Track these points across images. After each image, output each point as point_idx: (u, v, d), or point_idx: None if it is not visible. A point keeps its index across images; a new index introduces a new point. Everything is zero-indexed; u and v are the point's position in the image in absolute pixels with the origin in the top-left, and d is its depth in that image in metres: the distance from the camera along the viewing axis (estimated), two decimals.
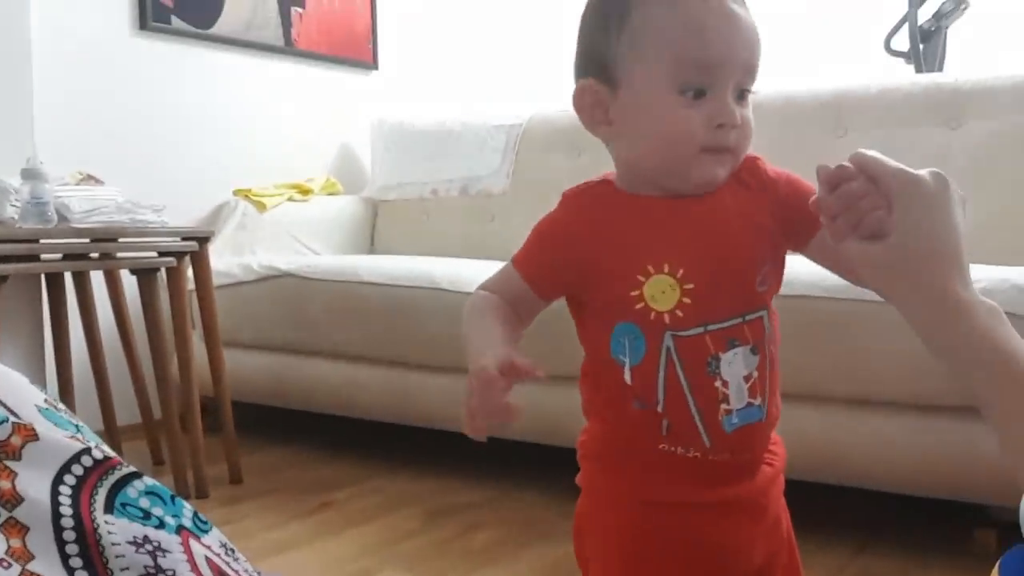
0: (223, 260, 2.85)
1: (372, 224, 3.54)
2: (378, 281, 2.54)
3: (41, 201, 2.11)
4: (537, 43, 4.19)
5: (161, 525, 0.63)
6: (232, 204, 3.17)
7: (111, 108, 2.90)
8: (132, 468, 0.65)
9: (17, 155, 2.28)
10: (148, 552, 0.60)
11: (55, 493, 0.60)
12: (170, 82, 3.07)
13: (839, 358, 1.89)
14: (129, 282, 2.44)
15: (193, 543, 0.64)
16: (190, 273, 2.44)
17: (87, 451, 0.63)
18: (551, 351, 1.24)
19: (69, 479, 0.61)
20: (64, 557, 0.57)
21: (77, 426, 0.68)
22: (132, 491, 0.64)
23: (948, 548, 1.91)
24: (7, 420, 0.61)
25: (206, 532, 0.66)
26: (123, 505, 0.62)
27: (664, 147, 0.86)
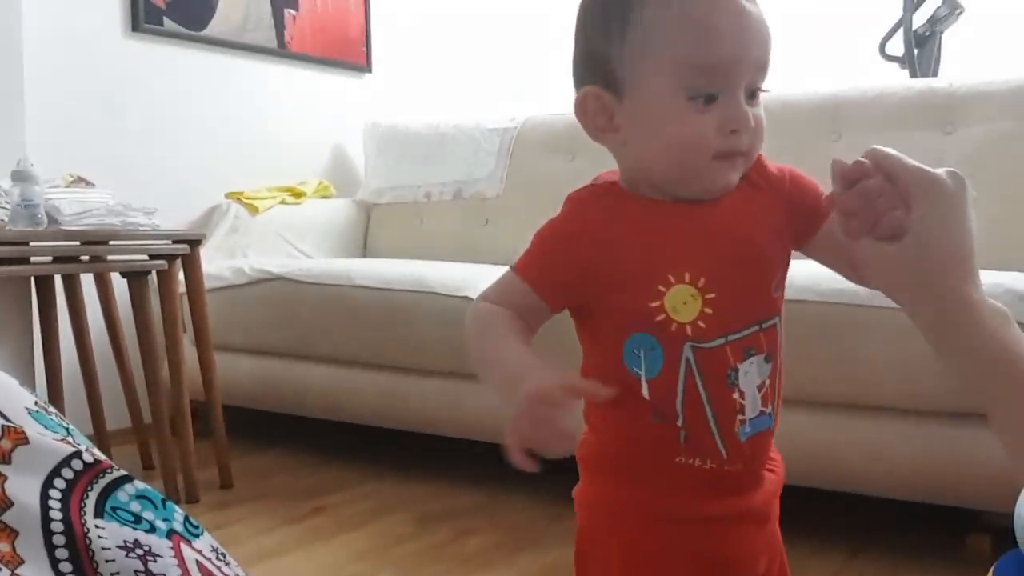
0: (215, 263, 2.84)
1: (365, 228, 3.54)
2: (371, 285, 2.53)
3: (31, 203, 2.10)
4: (531, 46, 4.19)
5: (152, 529, 0.62)
6: (224, 207, 3.15)
7: (102, 110, 2.89)
8: (123, 472, 0.64)
9: (7, 157, 2.27)
10: (138, 556, 0.59)
11: (45, 497, 0.59)
12: (162, 84, 3.06)
13: (832, 363, 1.88)
14: (120, 285, 2.44)
15: (184, 547, 0.63)
16: (181, 276, 2.43)
17: (78, 454, 0.62)
18: (546, 353, 1.22)
19: (59, 483, 0.60)
20: (54, 562, 0.57)
21: (67, 429, 0.67)
22: (123, 495, 0.63)
23: (942, 554, 1.91)
24: None
25: (197, 536, 0.66)
26: (113, 509, 0.61)
27: (675, 156, 0.82)
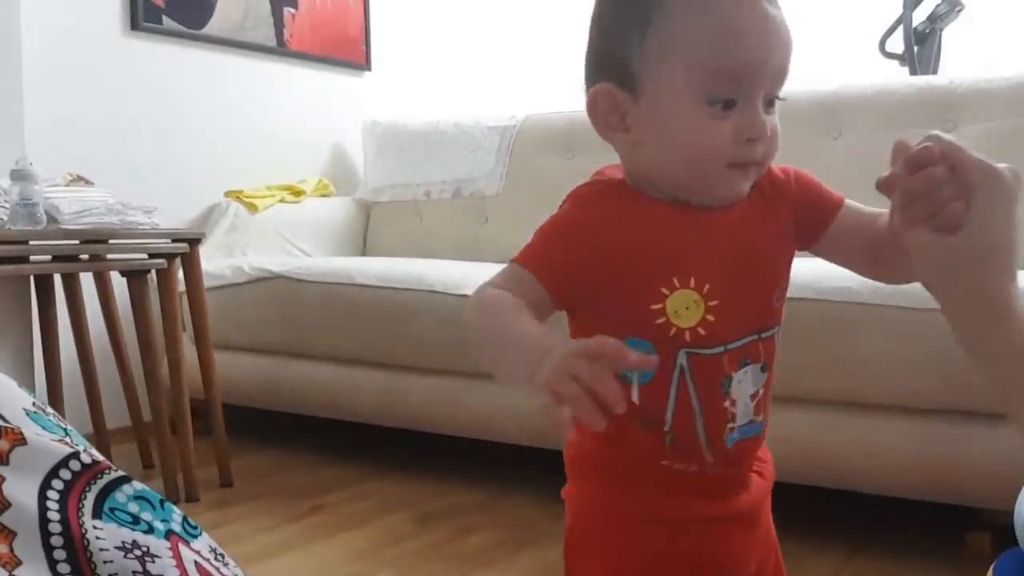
0: (214, 262, 2.84)
1: (365, 226, 3.53)
2: (370, 283, 2.53)
3: (30, 202, 2.09)
4: (531, 45, 4.19)
5: (150, 530, 0.62)
6: (223, 205, 3.15)
7: (101, 109, 2.89)
8: (121, 472, 0.64)
9: (6, 156, 2.27)
10: (137, 557, 0.59)
11: (43, 498, 0.59)
12: (161, 83, 3.06)
13: (832, 361, 1.88)
14: (119, 284, 2.43)
15: (182, 548, 0.63)
16: (181, 275, 2.43)
17: (75, 455, 0.62)
18: None
19: (57, 484, 0.60)
20: (52, 563, 0.57)
21: (65, 429, 0.67)
22: (121, 496, 0.63)
23: (942, 552, 1.91)
24: None
25: (195, 537, 0.65)
26: (112, 510, 0.61)
27: (688, 161, 0.80)
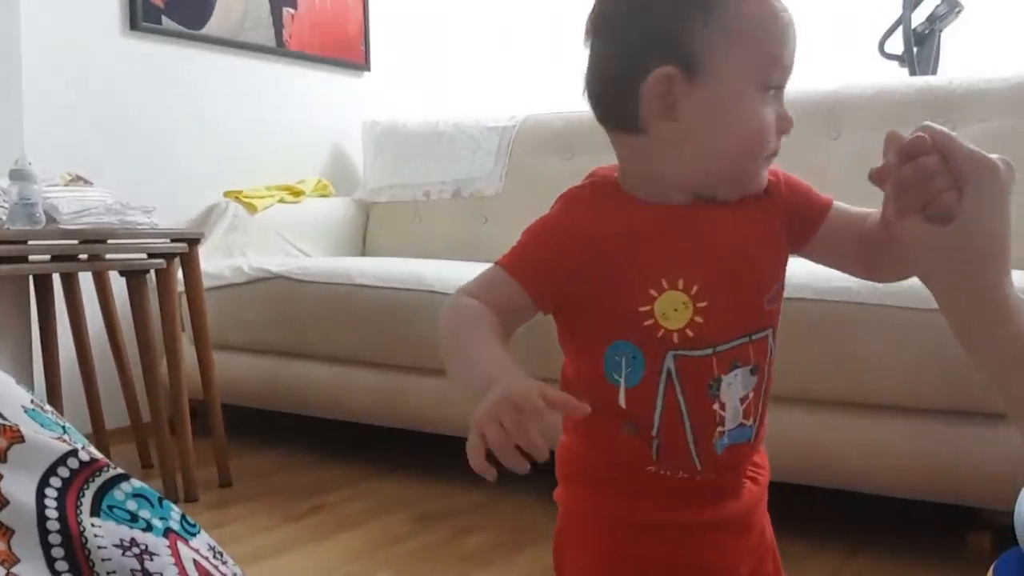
0: (213, 262, 2.84)
1: (364, 226, 3.53)
2: (370, 283, 2.53)
3: (29, 202, 2.09)
4: (530, 45, 4.19)
5: (148, 528, 0.62)
6: (223, 206, 3.15)
7: (101, 109, 2.89)
8: (119, 470, 0.64)
9: (5, 155, 2.27)
10: (135, 555, 0.59)
11: (41, 496, 0.59)
12: (160, 83, 3.06)
13: (831, 361, 1.88)
14: (118, 284, 2.43)
15: (181, 546, 0.62)
16: (180, 275, 2.42)
17: (74, 453, 0.62)
18: (537, 352, 1.21)
19: (55, 481, 0.60)
20: (50, 560, 0.56)
21: (64, 427, 0.67)
22: (119, 493, 0.63)
23: (942, 552, 1.91)
24: None
25: (194, 535, 0.65)
26: (110, 508, 0.61)
27: (743, 150, 0.81)
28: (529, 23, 4.24)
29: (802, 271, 0.92)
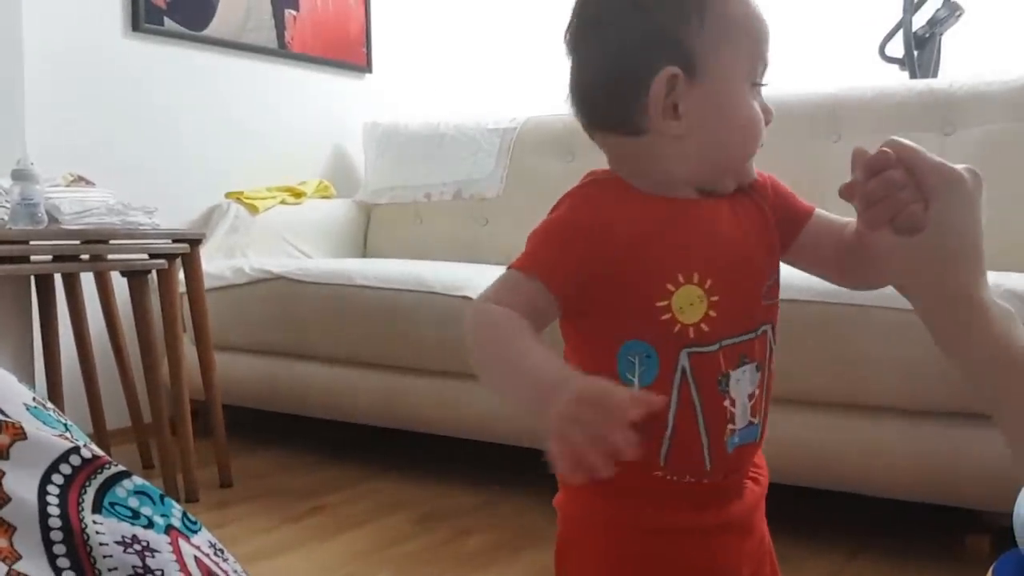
0: (215, 263, 2.84)
1: (365, 228, 3.54)
2: (370, 284, 2.53)
3: (31, 202, 2.10)
4: (531, 46, 4.19)
5: (150, 525, 0.62)
6: (224, 207, 3.15)
7: (103, 109, 2.89)
8: (121, 467, 0.64)
9: (8, 156, 2.27)
10: (136, 552, 0.59)
11: (43, 492, 0.59)
12: (162, 84, 3.06)
13: (830, 362, 1.88)
14: (120, 284, 2.43)
15: (182, 543, 0.63)
16: (181, 276, 2.43)
17: (76, 450, 0.62)
18: None
19: (57, 478, 0.60)
20: (51, 557, 0.56)
21: (66, 424, 0.67)
22: (121, 490, 0.63)
23: (941, 554, 1.91)
24: None
25: (195, 532, 0.65)
26: (112, 504, 0.61)
27: (745, 142, 0.84)
28: (530, 25, 4.24)
29: (800, 273, 0.92)
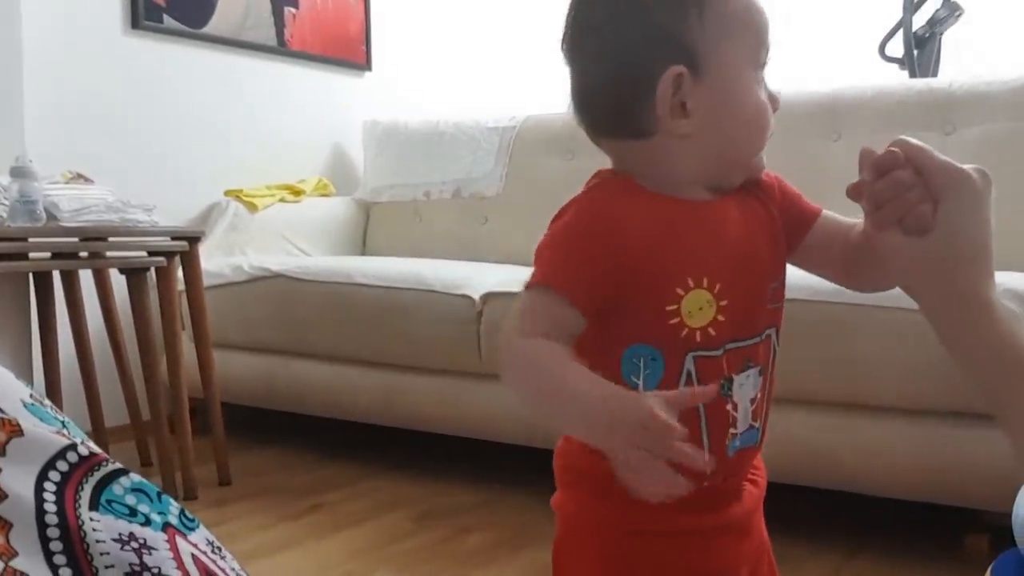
0: (214, 260, 2.84)
1: (364, 226, 3.53)
2: (370, 283, 2.53)
3: (30, 199, 2.10)
4: (531, 45, 4.18)
5: (147, 522, 0.61)
6: (223, 204, 3.15)
7: (102, 107, 2.89)
8: (118, 465, 0.64)
9: (6, 153, 2.27)
10: (133, 549, 0.59)
11: (39, 489, 0.59)
12: (162, 81, 3.06)
13: (830, 362, 1.88)
14: (118, 282, 2.43)
15: (180, 541, 0.62)
16: (180, 273, 2.43)
17: (73, 447, 0.62)
18: None
19: (54, 475, 0.60)
20: (48, 554, 0.56)
21: (63, 422, 0.67)
22: (118, 488, 0.63)
23: (940, 553, 1.91)
24: None
25: (193, 530, 0.65)
26: (109, 502, 0.61)
27: (752, 131, 0.82)
28: (530, 23, 4.23)
29: (801, 273, 0.92)
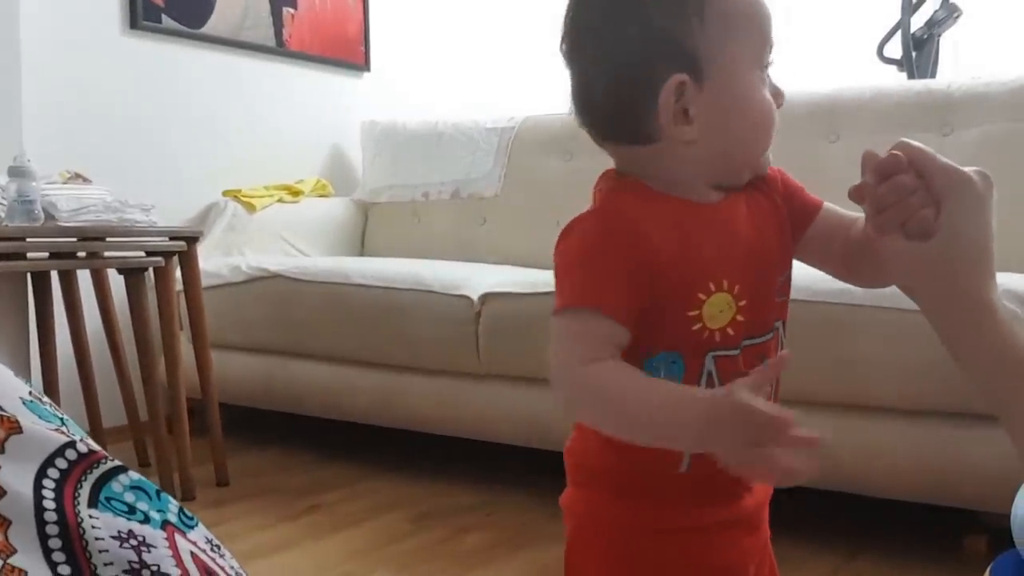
0: (212, 261, 2.83)
1: (362, 226, 3.53)
2: (368, 283, 2.53)
3: (28, 199, 2.09)
4: (530, 46, 4.19)
5: (146, 520, 0.61)
6: (221, 205, 3.15)
7: (100, 107, 2.89)
8: (117, 462, 0.64)
9: (4, 152, 2.27)
10: (132, 547, 0.59)
11: (38, 487, 0.59)
12: (160, 81, 3.06)
13: (830, 363, 1.88)
14: (116, 282, 2.43)
15: (178, 538, 0.62)
16: (178, 274, 2.42)
17: (72, 444, 0.62)
18: (540, 353, 1.21)
19: (53, 472, 0.60)
20: (47, 551, 0.56)
21: (62, 419, 0.67)
22: (117, 485, 0.63)
23: (939, 555, 1.91)
24: None
25: (192, 528, 0.65)
26: (107, 499, 0.61)
27: (758, 131, 0.82)
28: (528, 24, 4.24)
29: (800, 273, 0.92)
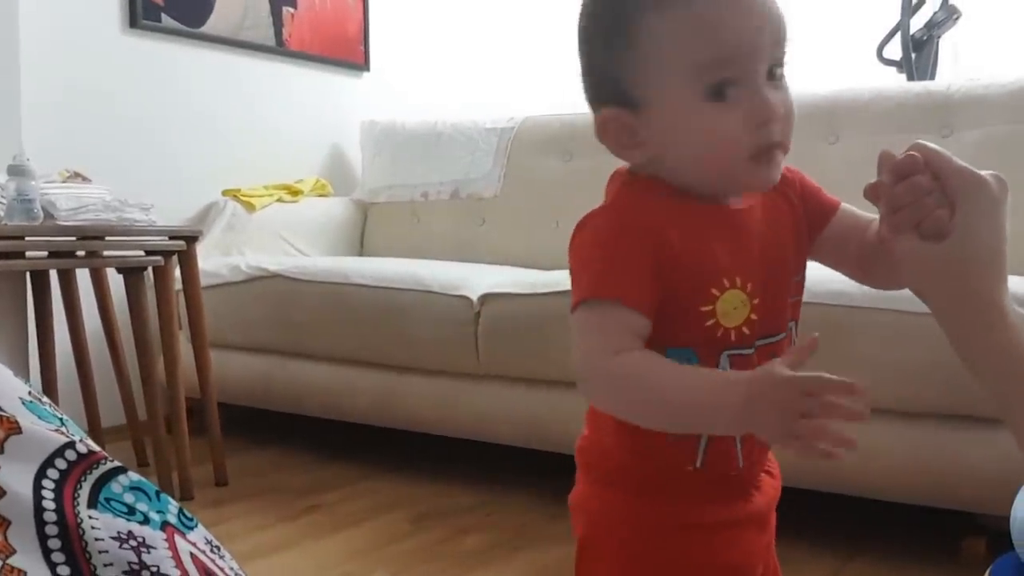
0: (211, 260, 2.83)
1: (362, 226, 3.53)
2: (367, 283, 2.53)
3: (27, 198, 2.09)
4: (529, 46, 4.19)
5: (146, 521, 0.61)
6: (221, 204, 3.15)
7: (100, 106, 2.88)
8: (117, 463, 0.64)
9: (3, 151, 2.26)
10: (132, 548, 0.59)
11: (38, 487, 0.58)
12: (160, 80, 3.06)
13: (828, 364, 1.87)
14: (116, 281, 2.43)
15: (178, 539, 0.62)
16: (177, 273, 2.42)
17: (71, 445, 0.62)
18: (539, 353, 1.22)
19: (52, 473, 0.60)
20: (46, 552, 0.56)
21: (61, 419, 0.67)
22: (116, 486, 0.62)
23: (938, 557, 1.91)
24: None
25: (191, 529, 0.65)
26: (107, 500, 0.61)
27: (710, 164, 0.78)
28: (528, 24, 4.24)
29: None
